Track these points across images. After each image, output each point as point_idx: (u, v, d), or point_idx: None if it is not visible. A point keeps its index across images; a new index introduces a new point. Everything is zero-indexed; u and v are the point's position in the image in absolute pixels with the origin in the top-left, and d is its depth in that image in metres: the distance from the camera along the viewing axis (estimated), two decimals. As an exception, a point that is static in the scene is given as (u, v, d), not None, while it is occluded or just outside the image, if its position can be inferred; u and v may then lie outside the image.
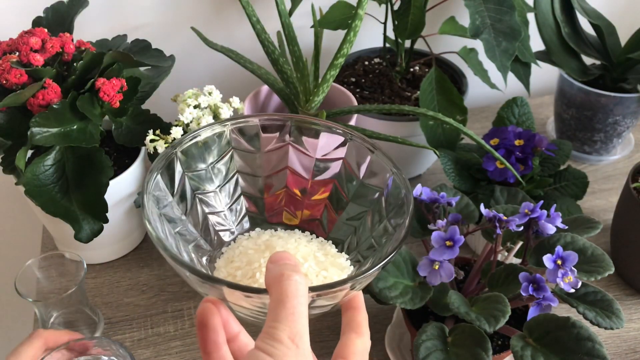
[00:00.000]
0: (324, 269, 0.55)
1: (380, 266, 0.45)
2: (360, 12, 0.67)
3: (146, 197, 0.50)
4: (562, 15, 0.90)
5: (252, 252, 0.56)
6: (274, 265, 0.38)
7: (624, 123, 0.92)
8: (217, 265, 0.57)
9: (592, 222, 0.64)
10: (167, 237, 0.51)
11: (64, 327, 0.69)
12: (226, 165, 0.60)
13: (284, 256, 0.39)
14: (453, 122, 0.69)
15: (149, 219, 0.48)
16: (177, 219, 0.55)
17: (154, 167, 0.52)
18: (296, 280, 0.36)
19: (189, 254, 0.55)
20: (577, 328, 0.53)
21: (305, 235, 0.61)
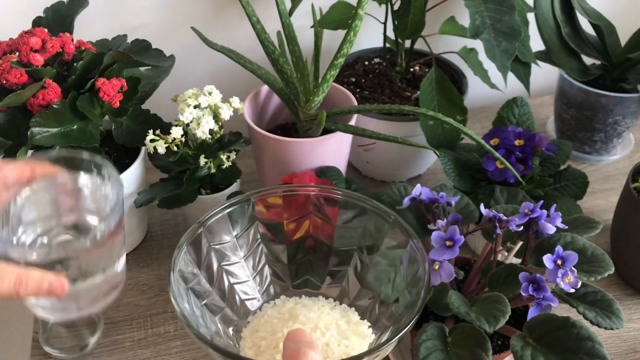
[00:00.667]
0: (346, 338, 0.56)
1: (396, 339, 0.48)
2: (360, 12, 0.67)
3: (173, 274, 0.52)
4: (562, 15, 0.90)
5: (277, 321, 0.58)
6: (291, 343, 0.41)
7: (624, 123, 0.92)
8: (243, 335, 0.59)
9: (592, 222, 0.63)
10: (194, 311, 0.53)
11: (63, 328, 0.69)
12: (250, 236, 0.62)
13: (300, 334, 0.43)
14: (453, 122, 0.69)
15: (175, 297, 0.51)
16: (204, 292, 0.57)
17: (181, 243, 0.55)
18: (312, 357, 0.39)
19: (216, 325, 0.57)
20: (577, 328, 0.53)
21: (329, 302, 0.62)
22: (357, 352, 0.54)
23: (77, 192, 0.53)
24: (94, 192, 0.53)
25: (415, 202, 0.65)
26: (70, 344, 0.69)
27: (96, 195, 0.53)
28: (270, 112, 0.84)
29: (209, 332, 0.54)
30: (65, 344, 0.68)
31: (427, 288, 0.51)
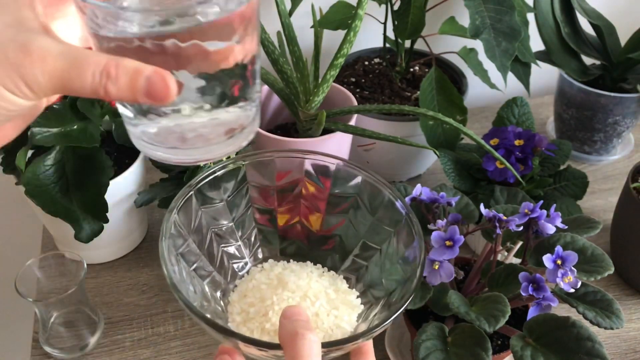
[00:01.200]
0: (335, 308, 0.55)
1: (391, 320, 0.47)
2: (360, 12, 0.67)
3: (164, 241, 0.50)
4: (562, 16, 0.90)
5: (265, 287, 0.57)
6: (287, 321, 0.40)
7: (624, 123, 0.92)
8: (231, 300, 0.58)
9: (592, 222, 0.64)
10: (183, 278, 0.52)
11: (64, 327, 0.69)
12: (241, 199, 0.61)
13: (296, 311, 0.41)
14: (453, 122, 0.69)
15: (166, 263, 0.49)
16: (193, 256, 0.56)
17: (172, 207, 0.53)
18: (310, 339, 0.38)
19: (204, 291, 0.56)
20: (576, 328, 0.53)
21: (317, 269, 0.61)
22: (346, 323, 0.54)
23: None
24: None
25: (416, 202, 0.65)
26: (70, 343, 0.69)
27: None
28: (270, 112, 0.84)
29: (198, 299, 0.53)
30: (65, 344, 0.68)
31: (422, 266, 0.51)
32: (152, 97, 0.32)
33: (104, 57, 0.32)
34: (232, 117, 0.38)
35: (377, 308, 0.55)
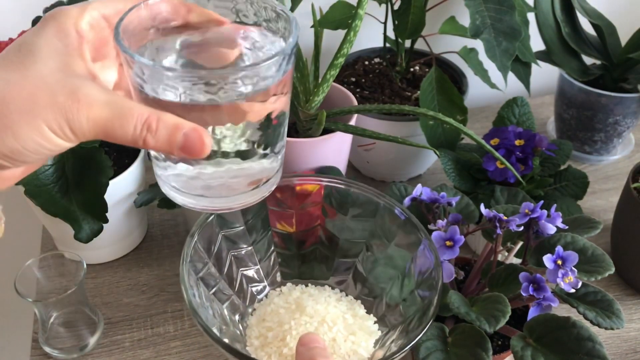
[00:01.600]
0: (352, 333, 0.56)
1: (409, 347, 0.47)
2: (360, 12, 0.67)
3: (184, 265, 0.50)
4: (563, 15, 0.90)
5: (283, 311, 0.57)
6: (304, 349, 0.41)
7: (625, 123, 0.92)
8: (250, 323, 0.58)
9: (593, 222, 0.63)
10: (203, 302, 0.52)
11: (63, 328, 0.69)
12: (260, 222, 0.61)
13: (313, 339, 0.41)
14: (453, 122, 0.69)
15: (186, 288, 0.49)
16: (213, 280, 0.56)
17: (193, 231, 0.53)
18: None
19: (223, 315, 0.56)
20: (577, 328, 0.53)
21: (335, 293, 0.61)
22: (363, 349, 0.54)
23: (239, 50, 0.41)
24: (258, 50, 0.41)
25: (416, 202, 0.64)
26: (69, 344, 0.68)
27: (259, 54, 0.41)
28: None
29: (217, 322, 0.53)
30: (64, 344, 0.68)
31: (440, 293, 0.51)
32: (187, 152, 0.34)
33: (146, 111, 0.34)
34: (258, 169, 0.40)
35: (395, 334, 0.55)
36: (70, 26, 0.36)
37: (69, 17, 0.36)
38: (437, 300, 0.50)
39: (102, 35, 0.38)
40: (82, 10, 0.37)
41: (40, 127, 0.33)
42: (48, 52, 0.35)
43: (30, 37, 0.36)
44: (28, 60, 0.34)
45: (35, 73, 0.34)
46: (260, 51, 0.40)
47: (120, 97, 0.34)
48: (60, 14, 0.36)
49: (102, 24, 0.38)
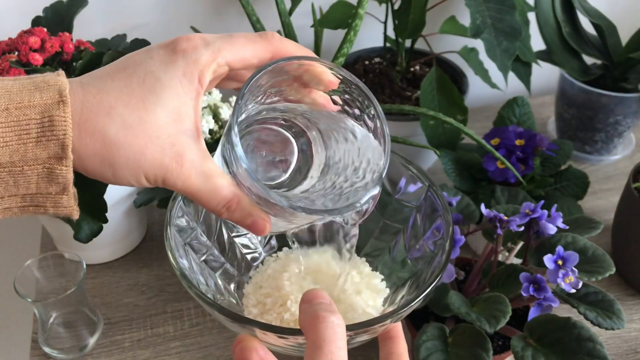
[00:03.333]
0: (358, 292, 0.53)
1: (422, 297, 0.44)
2: (360, 12, 0.67)
3: (169, 229, 0.48)
4: (563, 15, 0.90)
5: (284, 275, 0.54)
6: (308, 306, 0.37)
7: (625, 123, 0.91)
8: (246, 292, 0.56)
9: (593, 222, 0.63)
10: (193, 268, 0.49)
11: (63, 328, 0.69)
12: None
13: (317, 294, 0.38)
14: (454, 122, 0.69)
15: (173, 253, 0.47)
16: (203, 246, 0.54)
17: (176, 194, 0.51)
18: (333, 322, 0.35)
19: (217, 283, 0.54)
20: (577, 328, 0.53)
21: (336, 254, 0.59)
22: (372, 308, 0.51)
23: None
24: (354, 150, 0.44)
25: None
26: (69, 344, 0.68)
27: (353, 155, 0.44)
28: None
29: (210, 291, 0.51)
30: (64, 345, 0.68)
31: (451, 240, 0.48)
32: (251, 230, 0.40)
33: (231, 193, 0.38)
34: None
35: (404, 290, 0.52)
36: (196, 72, 0.37)
37: (198, 63, 0.37)
38: (448, 245, 0.47)
39: (217, 76, 0.39)
40: (213, 59, 0.37)
41: (139, 177, 0.36)
42: (170, 95, 0.36)
43: (158, 70, 0.36)
44: (149, 100, 0.35)
45: (152, 121, 0.35)
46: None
47: (214, 171, 0.38)
48: (192, 53, 0.37)
49: (224, 69, 0.39)
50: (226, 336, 0.71)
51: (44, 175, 0.35)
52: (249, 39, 0.39)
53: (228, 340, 0.71)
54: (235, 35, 0.38)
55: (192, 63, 0.37)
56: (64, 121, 0.34)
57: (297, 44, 0.41)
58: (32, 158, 0.34)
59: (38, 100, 0.34)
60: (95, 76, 0.36)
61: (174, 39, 0.37)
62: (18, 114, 0.33)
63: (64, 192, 0.36)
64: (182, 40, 0.37)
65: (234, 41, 0.38)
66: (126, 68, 0.36)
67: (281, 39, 0.40)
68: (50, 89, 0.34)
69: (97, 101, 0.35)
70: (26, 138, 0.33)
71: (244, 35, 0.39)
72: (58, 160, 0.34)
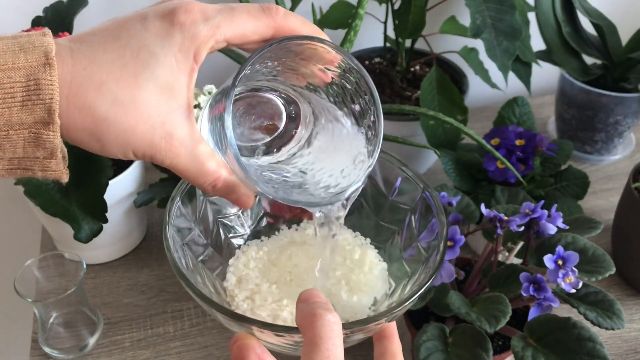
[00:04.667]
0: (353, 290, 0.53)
1: (416, 297, 0.44)
2: (360, 12, 0.67)
3: (168, 228, 0.48)
4: (563, 15, 0.90)
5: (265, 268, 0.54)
6: (304, 305, 0.37)
7: (625, 123, 0.91)
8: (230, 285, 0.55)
9: (593, 222, 0.63)
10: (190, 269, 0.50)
11: (63, 328, 0.69)
12: None
13: (313, 294, 0.38)
14: (454, 122, 0.69)
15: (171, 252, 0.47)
16: (200, 248, 0.54)
17: (174, 195, 0.51)
18: (329, 320, 0.35)
19: (214, 283, 0.54)
20: (578, 328, 0.53)
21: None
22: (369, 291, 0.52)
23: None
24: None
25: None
26: (69, 344, 0.68)
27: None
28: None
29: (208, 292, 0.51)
30: (64, 345, 0.68)
31: (445, 241, 0.49)
32: (235, 204, 0.41)
33: (217, 172, 0.38)
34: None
35: (400, 290, 0.53)
36: (192, 48, 0.35)
37: (196, 39, 0.35)
38: (442, 245, 0.48)
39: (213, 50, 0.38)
40: (212, 35, 0.36)
41: (127, 152, 0.35)
42: (164, 71, 0.35)
43: (153, 43, 0.35)
44: (142, 76, 0.34)
45: (144, 99, 0.34)
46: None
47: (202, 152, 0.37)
48: (190, 27, 0.35)
49: (221, 45, 0.37)
50: (226, 336, 0.71)
51: (30, 140, 0.33)
52: (250, 14, 0.37)
53: (228, 340, 0.71)
54: (236, 10, 0.37)
55: (190, 38, 0.35)
56: (50, 84, 0.32)
57: (302, 20, 0.39)
58: (17, 122, 0.33)
59: (23, 62, 0.32)
60: (85, 41, 0.35)
61: (171, 7, 0.36)
62: (1, 77, 0.32)
63: (52, 157, 0.34)
64: (180, 12, 0.35)
65: (234, 17, 0.36)
66: (119, 38, 0.35)
67: (286, 14, 0.38)
68: (35, 51, 0.33)
69: (87, 74, 0.33)
70: (11, 102, 0.32)
71: (246, 9, 0.37)
72: (45, 125, 0.33)
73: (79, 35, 0.35)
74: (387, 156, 0.56)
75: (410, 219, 0.55)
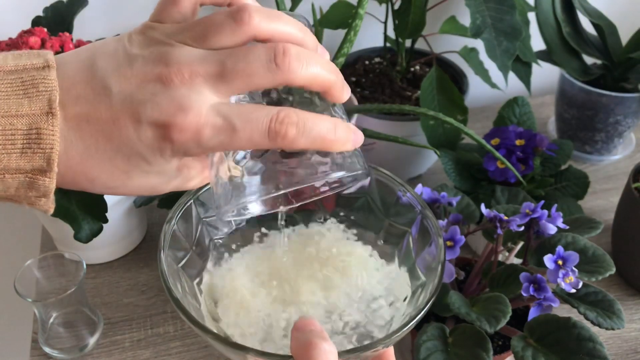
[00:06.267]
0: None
1: (414, 322, 0.44)
2: (360, 12, 0.67)
3: (163, 253, 0.47)
4: (563, 15, 0.90)
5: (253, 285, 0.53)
6: (300, 334, 0.38)
7: (625, 123, 0.91)
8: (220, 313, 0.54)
9: (593, 222, 0.63)
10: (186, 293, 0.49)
11: (63, 328, 0.69)
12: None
13: (308, 322, 0.38)
14: (454, 122, 0.69)
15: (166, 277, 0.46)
16: (196, 270, 0.53)
17: (170, 217, 0.50)
18: (325, 349, 0.36)
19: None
20: (578, 328, 0.53)
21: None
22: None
23: None
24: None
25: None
26: (69, 344, 0.68)
27: None
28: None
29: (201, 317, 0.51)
30: (64, 345, 0.68)
31: (443, 265, 0.49)
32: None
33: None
34: None
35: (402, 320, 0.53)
36: (182, 156, 0.36)
37: (186, 153, 0.36)
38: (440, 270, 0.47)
39: None
40: (200, 154, 0.37)
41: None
42: (154, 169, 0.36)
43: (145, 152, 0.35)
44: (133, 173, 0.36)
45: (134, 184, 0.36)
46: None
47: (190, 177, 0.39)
48: (182, 146, 0.35)
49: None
50: (226, 336, 0.71)
51: (25, 184, 0.34)
52: (253, 140, 0.34)
53: (228, 340, 0.71)
54: (238, 133, 0.33)
55: (180, 153, 0.35)
56: (51, 134, 0.32)
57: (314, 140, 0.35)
58: (15, 168, 0.33)
59: (26, 109, 0.32)
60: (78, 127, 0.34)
61: (165, 118, 0.33)
62: (4, 123, 0.32)
63: (43, 197, 0.35)
64: (174, 130, 0.33)
65: (233, 141, 0.34)
66: (111, 140, 0.34)
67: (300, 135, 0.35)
68: (39, 97, 0.32)
69: (80, 170, 0.34)
70: (10, 148, 0.32)
71: (251, 130, 0.34)
72: (42, 173, 0.33)
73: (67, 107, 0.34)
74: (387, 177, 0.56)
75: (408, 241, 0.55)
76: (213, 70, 0.34)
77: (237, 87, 0.34)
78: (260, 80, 0.34)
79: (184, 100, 0.33)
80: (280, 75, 0.34)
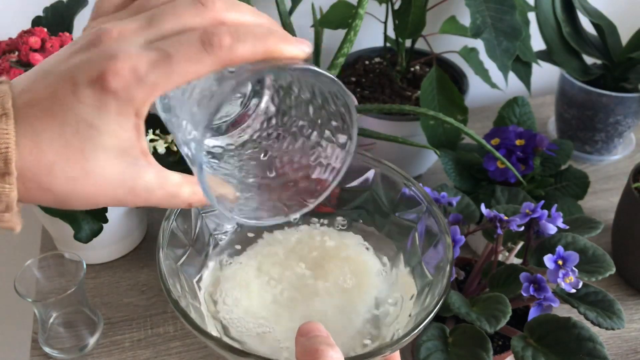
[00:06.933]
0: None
1: (422, 326, 0.44)
2: (360, 12, 0.67)
3: (162, 252, 0.47)
4: (563, 15, 0.90)
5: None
6: (305, 339, 0.37)
7: (625, 123, 0.91)
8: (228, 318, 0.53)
9: (593, 222, 0.63)
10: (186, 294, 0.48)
11: (63, 328, 0.69)
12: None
13: (314, 328, 0.38)
14: (454, 122, 0.69)
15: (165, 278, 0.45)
16: (197, 268, 0.53)
17: (169, 214, 0.49)
18: (332, 356, 0.35)
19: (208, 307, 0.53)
20: (578, 328, 0.53)
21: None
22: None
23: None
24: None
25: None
26: (69, 344, 0.68)
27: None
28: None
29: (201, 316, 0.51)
30: (64, 345, 0.68)
31: (451, 265, 0.48)
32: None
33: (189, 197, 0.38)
34: None
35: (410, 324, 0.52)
36: (132, 110, 0.33)
37: (132, 103, 0.33)
38: (448, 270, 0.46)
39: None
40: (149, 97, 0.33)
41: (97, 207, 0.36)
42: (108, 139, 0.33)
43: (90, 115, 0.33)
44: (88, 149, 0.33)
45: (95, 170, 0.34)
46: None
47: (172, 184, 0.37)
48: (124, 92, 0.33)
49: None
50: (226, 336, 0.71)
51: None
52: (191, 58, 0.33)
53: (228, 340, 0.71)
54: (174, 58, 0.32)
55: (126, 103, 0.33)
56: (6, 134, 0.31)
57: (255, 43, 0.34)
58: None
59: None
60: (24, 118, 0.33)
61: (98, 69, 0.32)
62: None
63: (6, 210, 0.33)
64: (109, 76, 0.32)
65: (172, 69, 0.32)
66: (55, 115, 0.33)
67: (236, 41, 0.34)
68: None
69: (35, 159, 0.32)
70: None
71: (185, 50, 0.33)
72: (1, 177, 0.32)
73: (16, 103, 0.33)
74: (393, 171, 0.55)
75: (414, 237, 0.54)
76: (141, 23, 0.34)
77: (166, 28, 0.34)
78: (189, 18, 0.34)
79: (112, 50, 0.32)
80: (207, 13, 0.34)
